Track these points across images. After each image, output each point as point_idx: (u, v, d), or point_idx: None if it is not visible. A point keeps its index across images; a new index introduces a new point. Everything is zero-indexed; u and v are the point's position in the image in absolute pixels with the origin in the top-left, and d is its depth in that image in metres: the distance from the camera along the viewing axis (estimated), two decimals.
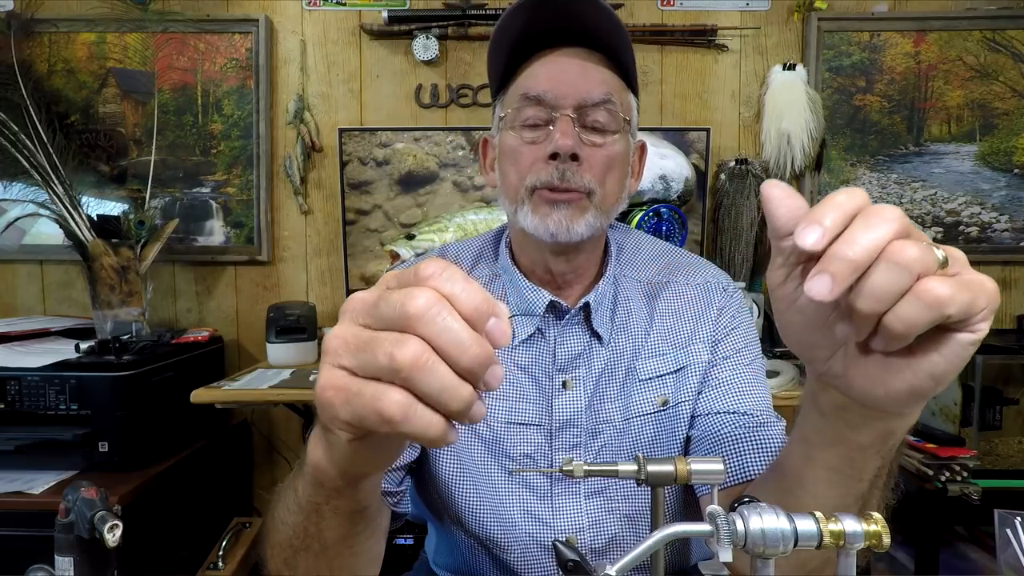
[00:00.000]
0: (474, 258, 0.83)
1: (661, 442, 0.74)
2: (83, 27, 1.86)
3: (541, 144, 0.69)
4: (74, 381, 1.37)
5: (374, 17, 1.87)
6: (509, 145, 0.71)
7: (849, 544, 0.42)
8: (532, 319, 0.75)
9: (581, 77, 0.68)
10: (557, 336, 0.75)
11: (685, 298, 0.78)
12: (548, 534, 0.73)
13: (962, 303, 0.33)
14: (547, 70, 0.69)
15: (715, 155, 1.85)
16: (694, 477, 0.51)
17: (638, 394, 0.74)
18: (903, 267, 0.32)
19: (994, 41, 1.85)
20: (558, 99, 0.68)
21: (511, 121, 0.71)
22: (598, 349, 0.75)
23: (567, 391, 0.74)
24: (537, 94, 0.68)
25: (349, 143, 1.78)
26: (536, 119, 0.69)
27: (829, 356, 0.41)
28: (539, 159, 0.69)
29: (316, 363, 1.72)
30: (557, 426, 0.73)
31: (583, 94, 0.68)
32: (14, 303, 1.94)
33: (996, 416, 1.68)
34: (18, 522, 1.25)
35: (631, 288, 0.79)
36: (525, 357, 0.75)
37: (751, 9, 1.88)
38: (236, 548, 1.60)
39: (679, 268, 0.81)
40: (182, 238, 1.89)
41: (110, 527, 0.61)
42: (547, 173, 0.68)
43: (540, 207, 0.69)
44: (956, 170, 1.88)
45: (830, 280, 0.32)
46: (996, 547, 0.65)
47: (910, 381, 0.37)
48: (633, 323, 0.76)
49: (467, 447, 0.74)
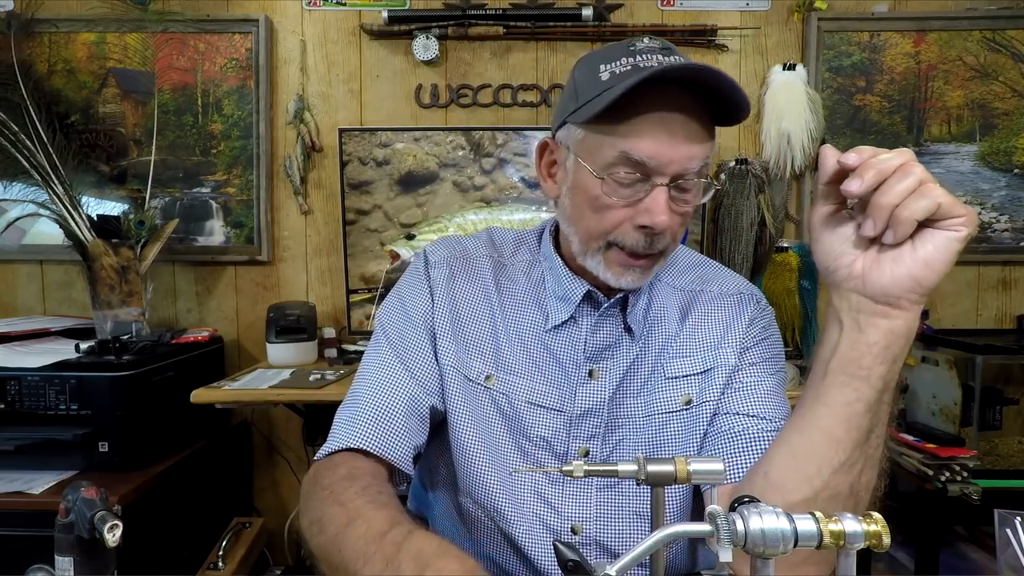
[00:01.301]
0: (516, 243, 0.84)
1: (680, 441, 0.74)
2: (83, 27, 1.86)
3: (630, 205, 0.67)
4: (74, 381, 1.37)
5: (374, 17, 1.87)
6: (595, 194, 0.68)
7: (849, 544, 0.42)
8: (568, 306, 0.75)
9: (686, 145, 0.65)
10: (590, 325, 0.75)
11: (718, 306, 0.79)
12: (555, 518, 0.73)
13: (948, 200, 0.51)
14: (654, 131, 0.64)
15: (715, 155, 1.85)
16: (694, 477, 0.51)
17: (663, 391, 0.75)
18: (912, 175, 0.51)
19: (994, 41, 1.85)
20: (661, 166, 0.65)
21: (601, 168, 0.66)
22: (628, 343, 0.76)
23: (593, 380, 0.74)
24: (641, 159, 0.64)
25: (349, 143, 1.78)
26: (632, 181, 0.66)
27: (852, 261, 0.57)
28: (627, 220, 0.67)
29: (316, 363, 1.73)
30: (577, 414, 0.74)
31: (684, 164, 0.65)
32: (14, 303, 1.94)
33: (996, 416, 1.68)
34: (18, 522, 1.25)
35: (666, 293, 0.80)
36: (556, 342, 0.76)
37: (751, 9, 1.88)
38: (236, 548, 1.60)
39: (714, 279, 0.82)
40: (182, 238, 1.89)
41: (110, 527, 0.61)
42: (633, 239, 0.68)
43: (615, 265, 0.70)
44: (956, 170, 1.88)
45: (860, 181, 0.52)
46: (996, 547, 0.65)
47: (909, 266, 0.53)
48: (664, 324, 0.77)
49: (487, 419, 0.75)
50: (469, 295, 0.79)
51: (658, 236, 0.67)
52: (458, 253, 0.82)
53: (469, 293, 0.79)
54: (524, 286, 0.79)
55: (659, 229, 0.66)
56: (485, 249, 0.83)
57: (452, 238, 0.85)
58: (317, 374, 1.55)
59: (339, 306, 1.92)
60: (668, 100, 0.64)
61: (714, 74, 0.62)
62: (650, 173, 0.65)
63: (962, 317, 1.92)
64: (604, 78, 0.66)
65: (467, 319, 0.78)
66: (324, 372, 1.57)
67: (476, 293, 0.79)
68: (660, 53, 0.66)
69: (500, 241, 0.84)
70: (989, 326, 1.92)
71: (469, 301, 0.78)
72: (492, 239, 0.84)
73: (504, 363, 0.76)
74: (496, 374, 0.76)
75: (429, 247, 0.83)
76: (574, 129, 0.70)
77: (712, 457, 0.52)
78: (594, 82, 0.67)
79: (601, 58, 0.68)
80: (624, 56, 0.66)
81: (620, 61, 0.66)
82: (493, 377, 0.76)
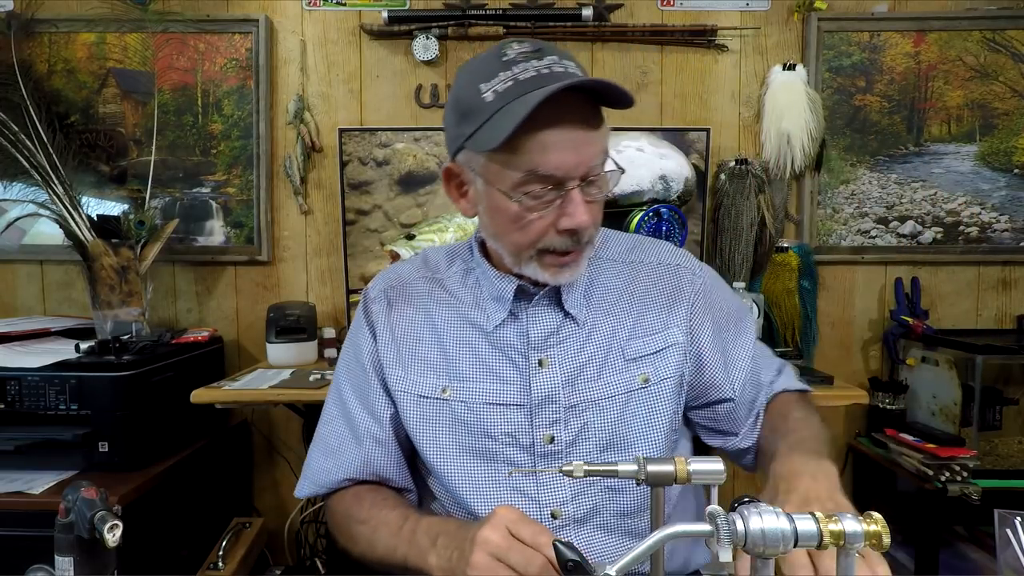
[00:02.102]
0: (449, 257, 0.88)
1: (643, 417, 0.79)
2: (83, 27, 1.85)
3: (548, 214, 0.70)
4: (74, 381, 1.37)
5: (374, 17, 1.87)
6: (512, 212, 0.70)
7: (849, 544, 0.42)
8: (503, 304, 0.79)
9: (586, 146, 0.68)
10: (529, 317, 0.79)
11: (659, 280, 0.84)
12: (535, 508, 0.76)
13: None
14: (554, 143, 0.66)
15: (715, 155, 1.85)
16: (694, 477, 0.51)
17: (622, 372, 0.79)
18: None
19: (994, 41, 1.85)
20: (569, 172, 0.68)
21: (512, 189, 0.69)
22: (573, 329, 0.79)
23: (543, 369, 0.78)
24: (548, 173, 0.67)
25: (349, 143, 1.78)
26: (544, 192, 0.69)
27: None
28: (549, 227, 0.71)
29: (316, 363, 1.73)
30: (536, 403, 0.77)
31: (589, 164, 0.69)
32: (14, 303, 1.94)
33: (996, 416, 1.69)
34: (18, 522, 1.24)
35: (606, 268, 0.84)
36: (501, 340, 0.79)
37: (751, 9, 1.88)
38: (236, 548, 1.60)
39: (649, 251, 0.87)
40: (182, 238, 1.89)
41: (110, 527, 0.61)
42: (561, 242, 0.71)
43: (550, 267, 0.74)
44: (956, 170, 1.88)
45: None
46: (996, 547, 0.65)
47: None
48: (611, 304, 0.81)
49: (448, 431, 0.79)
50: (409, 319, 0.83)
51: (584, 233, 0.71)
52: (394, 282, 0.86)
53: (409, 317, 0.83)
54: (462, 295, 0.83)
55: (583, 228, 0.70)
56: (419, 272, 0.87)
57: (389, 269, 0.91)
58: (317, 374, 1.55)
59: (339, 306, 1.92)
60: (559, 110, 0.65)
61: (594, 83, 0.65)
62: (561, 181, 0.68)
63: (962, 317, 1.92)
64: (488, 99, 0.67)
65: (411, 342, 0.82)
66: (324, 372, 1.57)
67: (415, 315, 0.83)
68: (534, 59, 0.67)
69: (434, 260, 0.88)
70: (989, 326, 1.92)
71: (410, 324, 0.83)
72: (426, 260, 0.89)
73: (457, 372, 0.79)
74: (451, 384, 0.79)
75: (369, 285, 0.88)
76: (472, 154, 0.71)
77: (711, 457, 0.52)
78: (479, 104, 0.67)
79: (477, 76, 0.69)
80: (500, 71, 0.67)
81: (498, 77, 0.67)
82: (448, 388, 0.79)
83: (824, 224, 1.91)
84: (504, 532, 0.60)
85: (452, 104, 0.73)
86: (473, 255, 0.85)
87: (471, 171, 0.74)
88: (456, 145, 0.74)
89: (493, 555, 0.59)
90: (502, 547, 0.59)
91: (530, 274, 0.75)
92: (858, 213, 1.90)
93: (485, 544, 0.60)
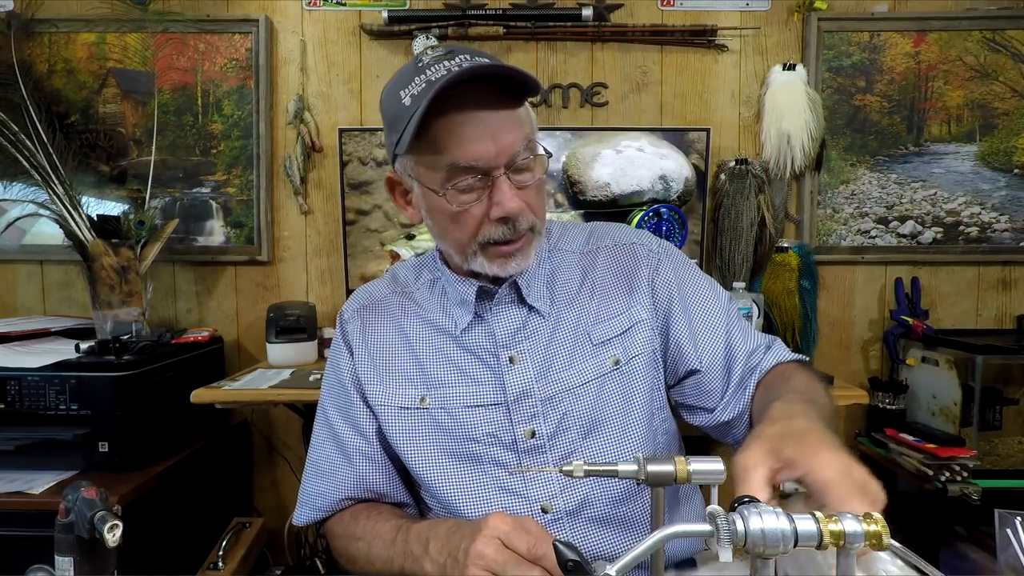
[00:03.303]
0: (417, 269, 0.90)
1: (620, 399, 0.79)
2: (83, 27, 1.85)
3: (480, 204, 0.72)
4: (74, 381, 1.37)
5: (374, 17, 1.87)
6: (446, 209, 0.73)
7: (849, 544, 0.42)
8: (467, 307, 0.81)
9: (504, 129, 0.70)
10: (494, 317, 0.80)
11: (617, 261, 0.85)
12: (524, 505, 0.76)
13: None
14: (469, 133, 0.69)
15: (715, 155, 1.85)
16: (694, 477, 0.51)
17: (591, 358, 0.80)
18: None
19: (994, 41, 1.85)
20: (492, 161, 0.70)
21: (441, 185, 0.71)
22: (539, 322, 0.81)
23: (515, 365, 0.79)
24: (469, 164, 0.69)
25: (349, 143, 1.78)
26: (471, 184, 0.71)
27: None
28: (483, 218, 0.73)
29: (316, 363, 1.73)
30: (512, 399, 0.78)
31: (512, 148, 0.70)
32: (14, 303, 1.94)
33: (996, 416, 1.68)
34: (18, 522, 1.24)
35: (566, 259, 0.85)
36: (470, 341, 0.81)
37: (751, 9, 1.88)
38: (236, 548, 1.60)
39: (605, 235, 0.88)
40: (182, 238, 1.89)
41: (110, 527, 0.61)
42: (499, 231, 0.73)
43: (495, 259, 0.75)
44: (956, 170, 1.88)
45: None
46: (996, 547, 0.65)
47: None
48: (573, 294, 0.83)
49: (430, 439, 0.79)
50: (382, 334, 0.84)
51: (518, 220, 0.73)
52: (365, 302, 0.88)
53: (382, 332, 0.85)
54: (431, 304, 0.85)
55: (514, 215, 0.71)
56: (389, 288, 0.89)
57: (360, 289, 0.92)
58: (317, 374, 1.55)
59: (339, 306, 1.89)
60: (467, 102, 0.68)
61: (493, 68, 0.67)
62: (484, 171, 0.70)
63: (962, 317, 1.92)
64: (407, 103, 0.70)
65: (387, 356, 0.83)
66: (324, 372, 1.56)
67: (388, 330, 0.84)
68: (446, 60, 0.69)
69: (402, 275, 0.90)
70: (989, 326, 1.92)
71: (384, 339, 0.84)
72: (395, 276, 0.91)
73: (432, 380, 0.81)
74: (429, 392, 0.80)
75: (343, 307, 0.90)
76: (405, 159, 0.75)
77: (711, 457, 0.52)
78: (400, 110, 0.70)
79: (398, 85, 0.72)
80: (415, 76, 0.70)
81: (414, 82, 0.70)
82: (427, 396, 0.80)
83: (824, 224, 1.91)
84: (497, 545, 0.59)
85: (383, 115, 0.76)
86: (437, 264, 0.87)
87: (408, 177, 0.77)
88: (391, 154, 0.77)
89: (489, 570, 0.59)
90: (497, 562, 0.58)
91: (478, 269, 0.76)
92: (858, 213, 1.90)
93: (479, 559, 0.59)
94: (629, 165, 1.72)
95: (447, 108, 0.68)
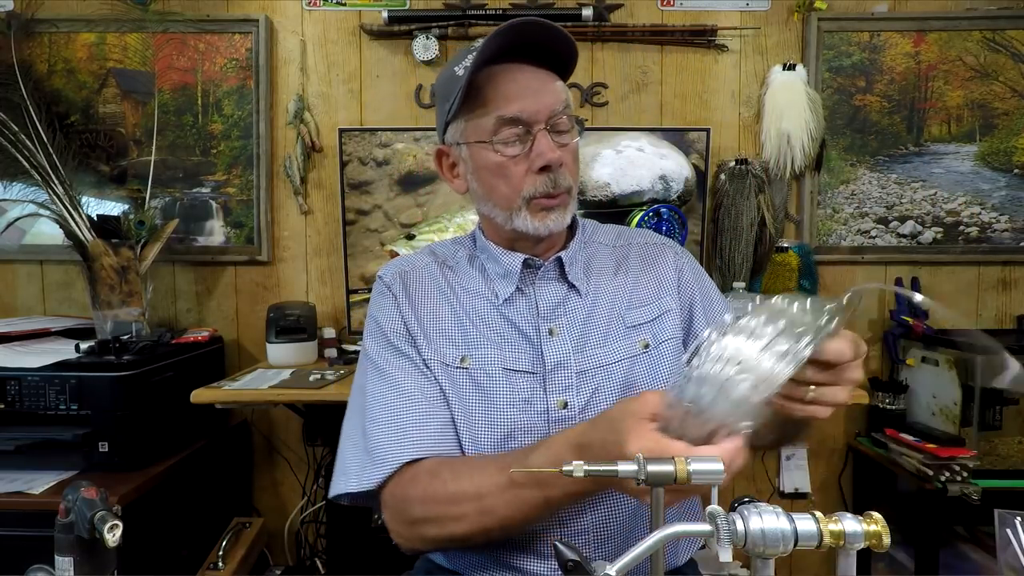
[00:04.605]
0: (454, 247, 0.93)
1: (648, 377, 0.83)
2: (83, 27, 1.86)
3: (525, 158, 0.79)
4: (74, 381, 1.37)
5: (374, 17, 1.87)
6: (494, 162, 0.79)
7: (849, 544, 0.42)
8: (511, 279, 0.85)
9: (544, 90, 0.78)
10: (536, 290, 0.85)
11: (648, 256, 0.91)
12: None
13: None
14: (514, 90, 0.77)
15: (715, 155, 1.85)
16: (694, 477, 0.51)
17: (623, 339, 0.84)
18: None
19: (994, 41, 1.85)
20: (533, 116, 0.77)
21: (487, 136, 0.79)
22: (577, 300, 0.85)
23: (554, 337, 0.82)
24: (515, 115, 0.77)
25: (349, 143, 1.78)
26: (515, 136, 0.78)
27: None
28: (529, 172, 0.79)
29: (316, 363, 1.73)
30: (549, 370, 0.80)
31: (551, 106, 0.78)
32: (14, 303, 1.94)
33: (996, 416, 1.68)
34: (18, 522, 1.25)
35: (601, 250, 0.91)
36: (512, 313, 0.84)
37: (751, 9, 1.88)
38: (236, 548, 1.60)
39: (634, 235, 0.96)
40: (182, 238, 1.89)
41: (110, 527, 0.61)
42: (543, 184, 0.79)
43: (538, 213, 0.80)
44: (956, 170, 1.88)
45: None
46: (996, 547, 0.65)
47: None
48: (607, 279, 0.88)
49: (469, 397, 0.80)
50: (426, 295, 0.87)
51: (559, 173, 0.79)
52: (407, 267, 0.91)
53: (425, 293, 0.87)
54: (470, 275, 0.88)
55: (554, 164, 0.78)
56: (428, 258, 0.92)
57: (398, 259, 0.95)
58: (317, 374, 1.55)
59: (339, 306, 1.92)
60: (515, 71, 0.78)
61: (538, 22, 0.75)
62: (528, 124, 0.77)
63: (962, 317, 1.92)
64: (459, 72, 0.78)
65: (430, 315, 0.86)
66: (324, 372, 1.57)
67: (431, 292, 0.87)
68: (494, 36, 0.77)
69: (440, 250, 0.94)
70: (989, 326, 1.92)
71: (428, 300, 0.87)
72: (433, 250, 0.94)
73: (473, 342, 0.83)
74: (469, 353, 0.82)
75: (381, 272, 0.92)
76: (456, 125, 0.82)
77: (711, 457, 0.52)
78: (452, 79, 0.79)
79: (452, 64, 0.81)
80: (468, 54, 0.78)
81: (467, 59, 0.78)
82: (468, 357, 0.82)
83: (824, 224, 1.91)
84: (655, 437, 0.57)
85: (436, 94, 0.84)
86: (476, 243, 0.91)
87: (457, 145, 0.83)
88: (442, 126, 0.85)
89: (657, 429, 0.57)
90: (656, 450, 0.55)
91: (521, 226, 0.80)
92: (858, 213, 1.90)
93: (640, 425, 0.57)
94: (629, 165, 1.72)
95: (495, 72, 0.77)
